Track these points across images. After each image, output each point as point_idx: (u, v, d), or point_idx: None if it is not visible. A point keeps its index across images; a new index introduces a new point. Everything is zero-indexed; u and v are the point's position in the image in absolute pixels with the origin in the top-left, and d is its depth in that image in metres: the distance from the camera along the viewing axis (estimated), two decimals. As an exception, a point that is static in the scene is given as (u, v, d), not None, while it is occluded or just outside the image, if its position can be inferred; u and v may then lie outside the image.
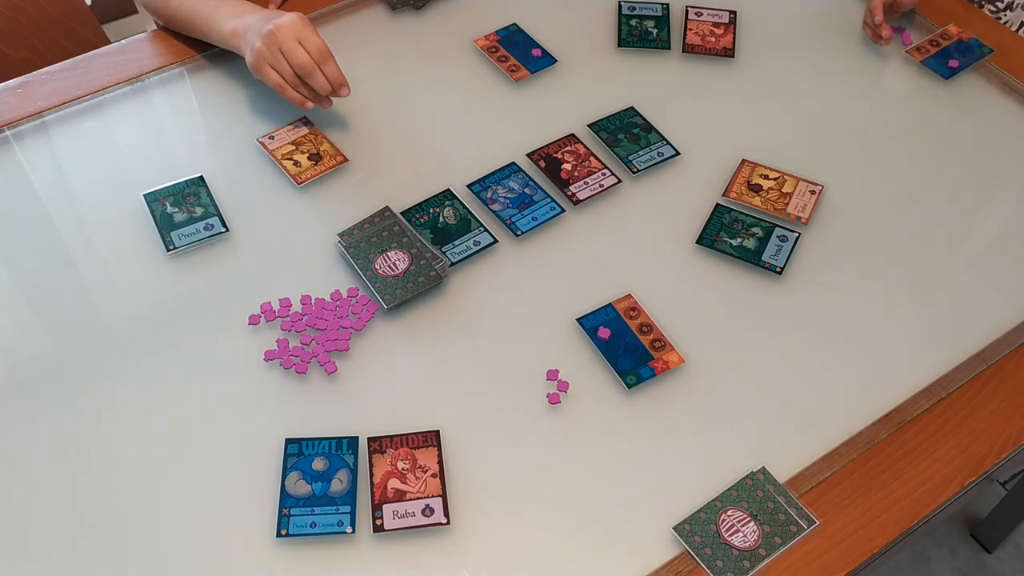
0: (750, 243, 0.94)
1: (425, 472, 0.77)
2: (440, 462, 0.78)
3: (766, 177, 1.01)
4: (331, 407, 0.83)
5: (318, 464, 0.78)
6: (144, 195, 0.97)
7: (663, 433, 0.82)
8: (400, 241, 0.92)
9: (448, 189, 0.98)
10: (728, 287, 0.92)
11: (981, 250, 0.96)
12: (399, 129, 1.05)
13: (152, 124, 1.06)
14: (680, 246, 0.95)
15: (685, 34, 1.16)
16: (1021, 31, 1.22)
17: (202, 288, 0.91)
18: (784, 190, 0.99)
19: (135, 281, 0.91)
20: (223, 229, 0.94)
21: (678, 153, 1.03)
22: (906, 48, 1.15)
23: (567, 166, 1.01)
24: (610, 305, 0.89)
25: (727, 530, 0.75)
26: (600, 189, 0.99)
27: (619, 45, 1.15)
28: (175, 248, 0.93)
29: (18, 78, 1.08)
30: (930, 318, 0.90)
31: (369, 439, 0.79)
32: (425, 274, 0.89)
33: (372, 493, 0.76)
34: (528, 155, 1.02)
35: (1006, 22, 1.23)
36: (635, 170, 1.01)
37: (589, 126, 1.05)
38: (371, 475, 0.77)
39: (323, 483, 0.77)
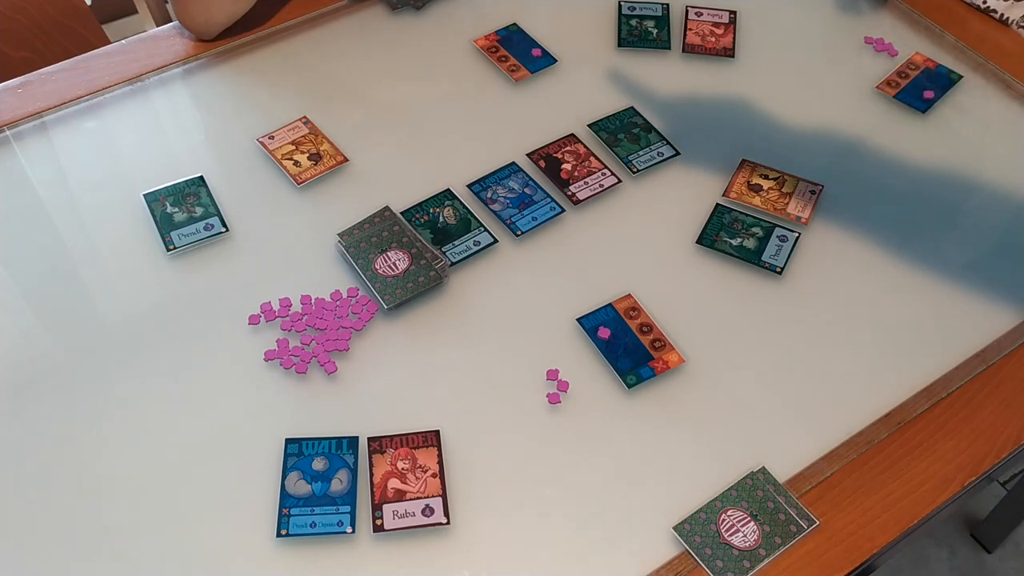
0: (750, 243, 0.94)
1: (425, 472, 0.77)
2: (440, 462, 0.78)
3: (766, 177, 1.01)
4: (331, 407, 0.83)
5: (318, 464, 0.78)
6: (144, 195, 0.97)
7: (663, 433, 0.82)
8: (400, 241, 0.92)
9: (448, 189, 0.98)
10: (728, 287, 0.92)
11: (981, 250, 0.96)
12: (399, 129, 1.05)
13: (152, 124, 1.06)
14: (680, 246, 0.95)
15: (685, 34, 1.16)
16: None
17: (202, 288, 0.91)
18: (784, 190, 0.99)
19: (135, 281, 0.91)
20: (223, 229, 0.94)
21: (678, 153, 1.03)
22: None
23: (567, 166, 1.01)
24: (610, 305, 0.89)
25: (727, 530, 0.75)
26: (600, 189, 0.99)
27: (619, 45, 1.15)
28: (175, 248, 0.93)
29: (18, 78, 1.08)
30: (930, 318, 0.90)
31: (369, 439, 0.79)
32: (425, 274, 0.89)
33: (372, 493, 0.76)
34: (528, 155, 1.02)
35: None
36: (635, 170, 1.01)
37: (589, 126, 1.05)
38: (371, 475, 0.77)
39: (323, 483, 0.77)
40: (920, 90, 1.10)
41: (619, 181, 1.00)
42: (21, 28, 1.26)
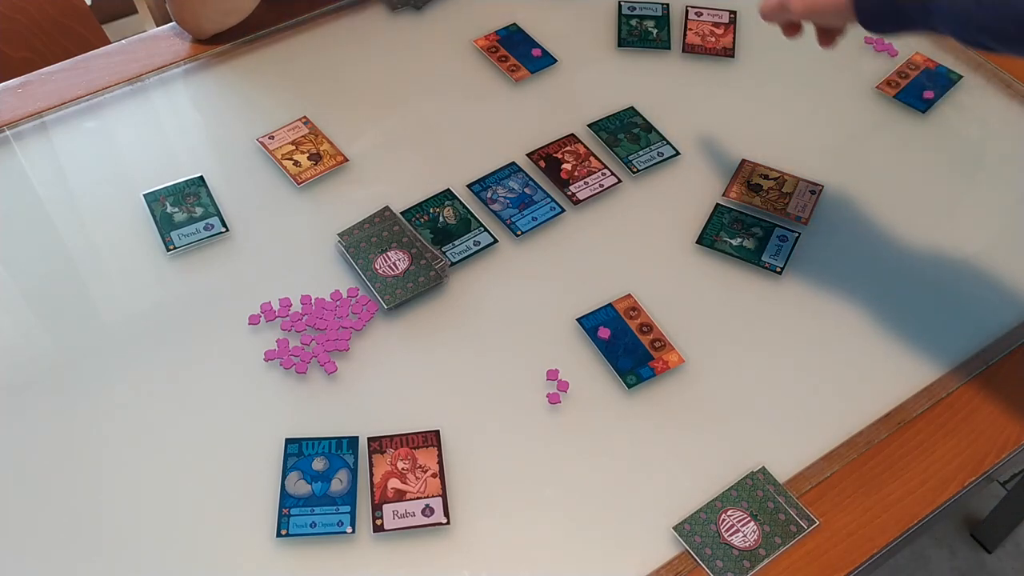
0: (750, 243, 0.95)
1: (425, 472, 0.77)
2: (440, 462, 0.78)
3: (766, 177, 1.01)
4: (331, 407, 0.83)
5: (318, 464, 0.78)
6: (144, 195, 0.97)
7: (663, 433, 0.82)
8: (400, 241, 0.92)
9: (448, 189, 0.98)
10: (728, 287, 0.92)
11: (981, 250, 0.96)
12: (399, 129, 1.05)
13: (152, 124, 1.06)
14: (680, 246, 0.95)
15: (685, 34, 1.16)
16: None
17: (202, 288, 0.91)
18: (784, 190, 0.99)
19: (135, 281, 0.91)
20: (223, 229, 0.94)
21: (678, 153, 1.03)
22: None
23: (567, 166, 1.01)
24: (610, 305, 0.89)
25: (727, 530, 0.75)
26: (600, 189, 0.99)
27: (619, 45, 1.15)
28: (175, 248, 0.93)
29: (18, 78, 1.08)
30: (930, 318, 0.90)
31: (369, 439, 0.79)
32: (425, 274, 0.89)
33: (372, 493, 0.76)
34: (528, 155, 1.02)
35: None
36: (635, 170, 1.01)
37: (589, 126, 1.05)
38: (371, 475, 0.77)
39: (323, 483, 0.77)
40: (920, 90, 1.10)
41: (619, 181, 1.00)
42: (21, 28, 1.26)
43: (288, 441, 0.79)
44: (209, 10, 1.08)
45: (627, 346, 0.86)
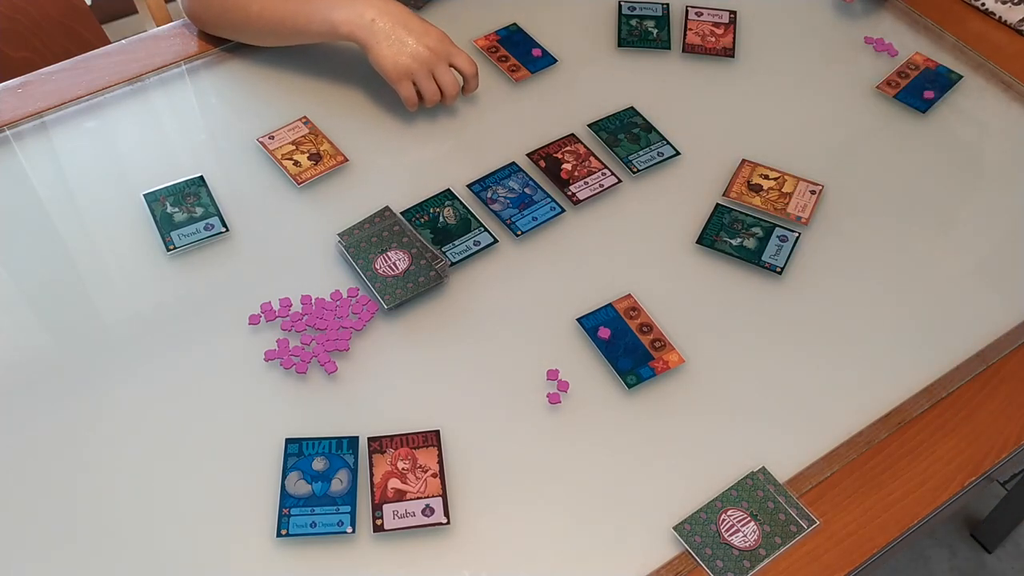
0: (750, 243, 0.95)
1: (425, 472, 0.77)
2: (440, 462, 0.78)
3: (766, 177, 1.01)
4: (331, 407, 0.83)
5: (318, 464, 0.78)
6: (144, 195, 0.97)
7: (663, 433, 0.82)
8: (400, 241, 0.92)
9: (448, 189, 0.98)
10: (728, 287, 0.92)
11: (981, 250, 0.96)
12: (399, 129, 1.05)
13: (152, 124, 1.06)
14: (680, 246, 0.95)
15: (685, 34, 1.16)
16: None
17: (202, 288, 0.91)
18: (784, 190, 0.99)
19: (135, 281, 0.92)
20: (223, 229, 0.94)
21: (678, 153, 1.03)
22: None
23: (567, 166, 1.01)
24: (610, 305, 0.89)
25: (727, 530, 0.75)
26: (600, 189, 0.99)
27: (619, 45, 1.15)
28: (175, 248, 0.93)
29: (18, 78, 1.08)
30: (930, 318, 0.90)
31: (369, 439, 0.79)
32: (425, 274, 0.90)
33: (372, 493, 0.76)
34: (528, 155, 1.02)
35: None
36: (635, 170, 1.01)
37: (589, 126, 1.05)
38: (371, 475, 0.77)
39: (323, 483, 0.77)
40: (920, 90, 1.10)
41: (619, 181, 1.00)
42: (21, 28, 1.26)
43: (288, 441, 0.79)
44: (221, 32, 1.10)
45: (627, 346, 0.86)
